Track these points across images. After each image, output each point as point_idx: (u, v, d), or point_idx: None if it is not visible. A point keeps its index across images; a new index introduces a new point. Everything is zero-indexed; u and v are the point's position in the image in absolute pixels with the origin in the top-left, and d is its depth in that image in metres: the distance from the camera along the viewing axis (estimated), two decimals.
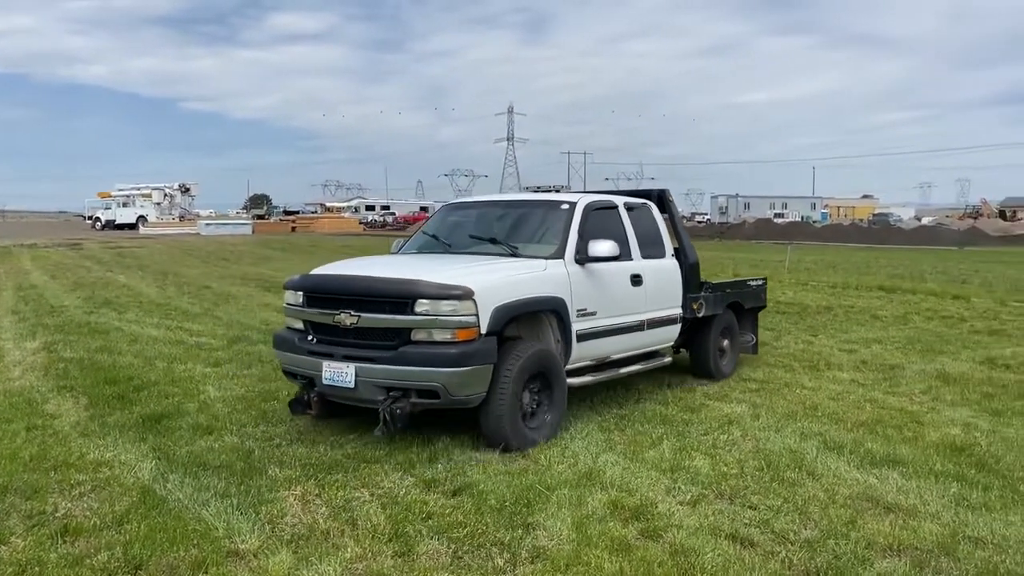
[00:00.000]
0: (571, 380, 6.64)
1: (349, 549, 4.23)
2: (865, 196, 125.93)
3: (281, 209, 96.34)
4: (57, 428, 6.48)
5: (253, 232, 59.04)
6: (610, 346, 7.19)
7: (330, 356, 6.00)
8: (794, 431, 6.50)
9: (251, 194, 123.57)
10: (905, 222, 75.73)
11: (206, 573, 3.94)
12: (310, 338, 6.29)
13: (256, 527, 4.49)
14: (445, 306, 5.69)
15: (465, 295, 5.70)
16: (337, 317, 5.96)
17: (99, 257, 29.34)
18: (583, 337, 6.72)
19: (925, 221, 75.23)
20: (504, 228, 7.47)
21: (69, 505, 4.82)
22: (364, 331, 5.90)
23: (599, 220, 7.24)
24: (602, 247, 6.72)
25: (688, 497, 5.03)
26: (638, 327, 7.46)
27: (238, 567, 4.03)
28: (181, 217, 66.22)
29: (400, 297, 5.80)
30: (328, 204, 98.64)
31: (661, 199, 8.62)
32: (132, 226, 61.26)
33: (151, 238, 48.25)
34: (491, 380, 5.82)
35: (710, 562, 4.10)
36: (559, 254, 6.72)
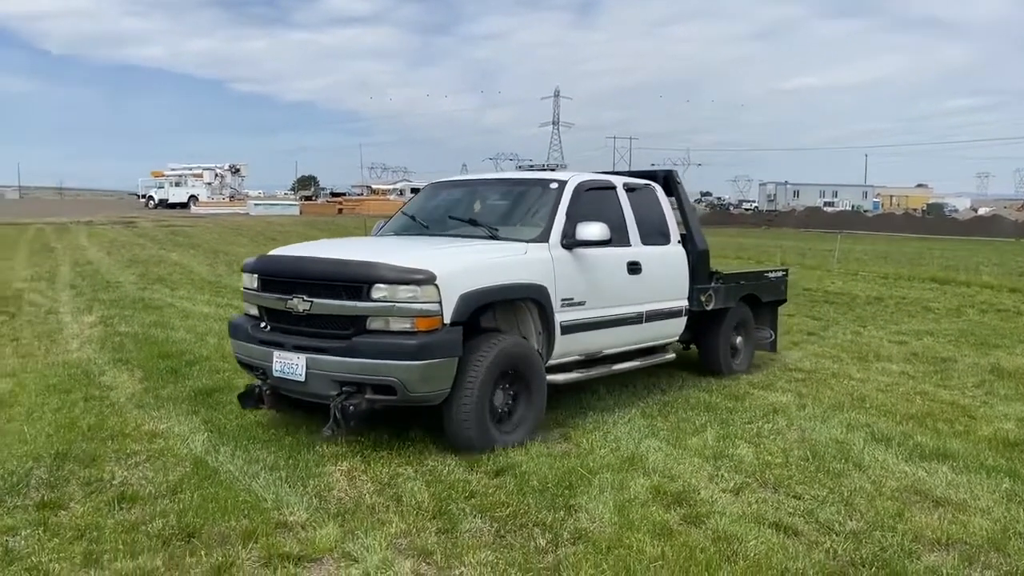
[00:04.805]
0: (554, 377, 6.12)
1: (394, 524, 4.30)
2: (919, 185, 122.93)
3: (328, 191, 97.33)
4: (113, 399, 6.68)
5: (301, 213, 59.76)
6: (601, 340, 6.59)
7: (280, 346, 5.54)
8: (841, 422, 6.41)
9: (299, 175, 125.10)
10: (961, 213, 73.92)
11: (256, 543, 4.04)
12: (263, 325, 5.82)
13: (304, 500, 4.59)
14: (404, 292, 5.16)
15: (426, 280, 5.17)
16: (290, 302, 5.50)
17: (152, 235, 30.03)
18: (569, 329, 6.14)
19: (982, 212, 73.21)
20: (487, 209, 6.99)
21: (125, 473, 4.98)
22: (317, 318, 5.41)
23: (592, 202, 6.64)
24: (591, 230, 6.10)
25: (731, 485, 5.01)
26: (635, 320, 6.87)
27: (287, 538, 4.13)
28: (231, 197, 67.27)
29: (355, 281, 5.28)
30: (374, 186, 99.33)
31: (668, 181, 7.96)
32: (184, 205, 62.36)
33: (202, 217, 49.16)
34: (456, 376, 5.28)
35: (753, 550, 4.08)
36: (543, 237, 6.14)
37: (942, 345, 10.09)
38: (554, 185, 6.64)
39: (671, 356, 7.56)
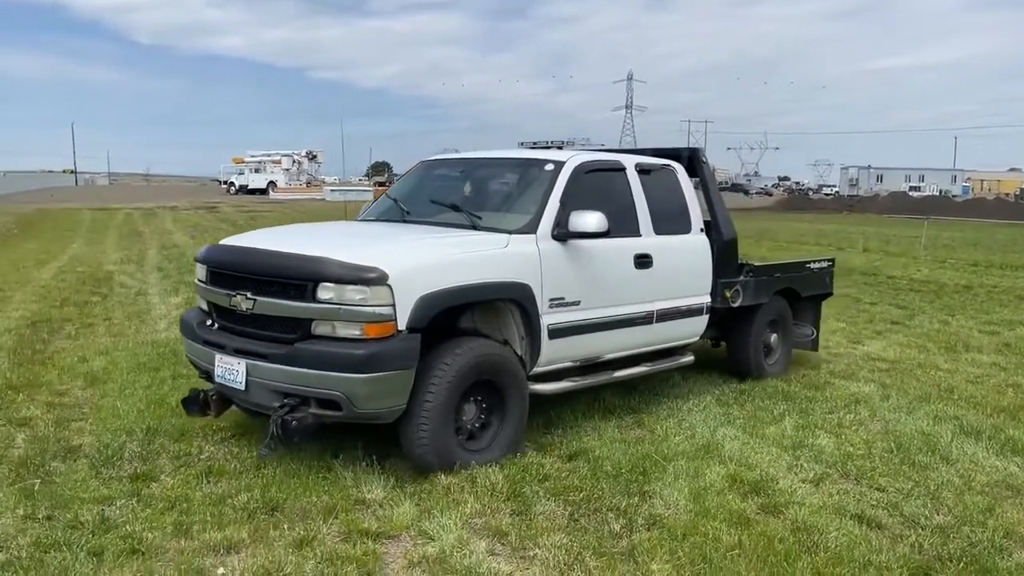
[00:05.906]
0: (541, 386, 5.42)
1: (469, 505, 4.35)
2: (1013, 169, 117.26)
3: (401, 177, 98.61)
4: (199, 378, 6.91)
5: (374, 198, 60.63)
6: (600, 344, 5.80)
7: (223, 348, 4.97)
8: (927, 413, 6.21)
9: (373, 162, 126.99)
10: None
11: (336, 519, 4.16)
12: (209, 323, 5.31)
13: (381, 479, 4.69)
14: (352, 292, 4.49)
15: (378, 279, 4.47)
16: (233, 299, 4.89)
17: (234, 219, 30.95)
18: (559, 333, 5.39)
19: None
20: (473, 193, 6.22)
21: (212, 449, 5.18)
22: (261, 319, 4.80)
23: (595, 186, 5.83)
24: (586, 220, 5.30)
25: (811, 475, 4.91)
26: (643, 320, 6.05)
27: (365, 515, 4.24)
28: (308, 183, 68.72)
29: (300, 278, 4.62)
30: None
31: (692, 160, 7.07)
32: (263, 191, 63.96)
33: (280, 203, 50.42)
34: (414, 388, 4.63)
35: (834, 541, 3.99)
36: (531, 227, 5.33)
37: None
38: (549, 166, 5.82)
39: (689, 359, 6.66)
